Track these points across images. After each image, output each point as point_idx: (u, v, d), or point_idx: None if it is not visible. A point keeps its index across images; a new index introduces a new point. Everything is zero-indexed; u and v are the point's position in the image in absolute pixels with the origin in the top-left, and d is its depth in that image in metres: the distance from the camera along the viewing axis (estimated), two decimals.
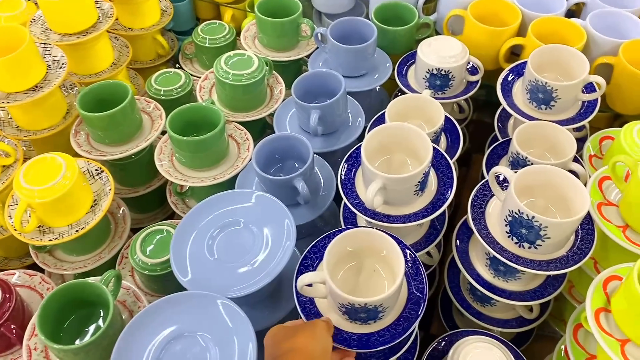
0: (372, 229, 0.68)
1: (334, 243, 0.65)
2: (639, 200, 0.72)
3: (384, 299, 0.61)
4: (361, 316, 0.64)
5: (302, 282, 0.64)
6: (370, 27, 1.08)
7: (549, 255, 0.74)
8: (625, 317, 0.64)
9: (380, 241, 0.67)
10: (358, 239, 0.68)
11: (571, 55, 0.95)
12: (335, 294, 0.63)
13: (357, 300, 0.61)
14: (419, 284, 0.69)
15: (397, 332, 0.66)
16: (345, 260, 0.69)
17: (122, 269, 0.94)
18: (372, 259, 0.70)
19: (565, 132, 0.88)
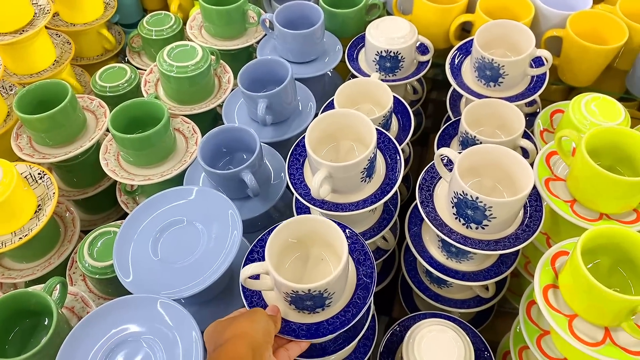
0: (311, 215, 0.67)
1: (274, 234, 0.64)
2: (585, 174, 0.72)
3: (327, 284, 0.60)
4: (307, 304, 0.63)
5: (245, 274, 0.63)
6: (317, 10, 1.06)
7: (498, 234, 0.74)
8: (571, 292, 0.64)
9: (322, 228, 0.66)
10: (300, 228, 0.66)
11: (517, 30, 0.94)
12: (279, 283, 0.61)
13: (300, 287, 0.59)
14: (367, 269, 0.68)
15: (346, 319, 0.65)
16: (291, 251, 0.68)
17: (74, 274, 0.91)
18: (318, 248, 0.69)
19: (513, 109, 0.88)
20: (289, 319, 0.66)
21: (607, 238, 0.64)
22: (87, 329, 0.63)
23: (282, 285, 0.61)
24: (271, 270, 0.61)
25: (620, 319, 0.61)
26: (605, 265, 0.67)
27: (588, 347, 0.61)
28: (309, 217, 0.66)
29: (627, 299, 0.58)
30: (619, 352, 0.61)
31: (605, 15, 1.03)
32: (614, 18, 1.02)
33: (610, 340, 0.63)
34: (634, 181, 0.68)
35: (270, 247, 0.63)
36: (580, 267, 0.60)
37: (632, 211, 0.74)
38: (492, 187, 0.77)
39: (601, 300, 0.60)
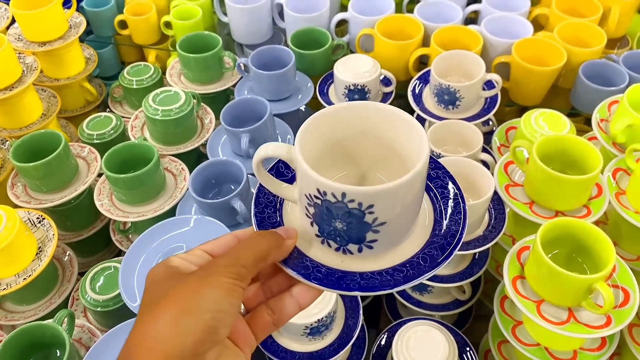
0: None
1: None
2: (539, 177, 0.82)
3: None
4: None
5: (259, 156, 0.43)
6: (288, 53, 1.15)
7: (468, 236, 0.82)
8: (536, 280, 0.73)
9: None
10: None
11: (469, 58, 1.05)
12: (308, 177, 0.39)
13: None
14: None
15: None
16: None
17: (75, 311, 0.95)
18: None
19: (471, 127, 0.98)
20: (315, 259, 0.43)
21: (562, 229, 0.73)
22: (100, 354, 0.68)
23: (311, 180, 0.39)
24: (298, 157, 0.40)
25: (580, 298, 0.70)
26: (563, 255, 0.76)
27: (555, 326, 0.69)
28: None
29: (583, 278, 0.67)
30: (582, 327, 0.69)
31: (545, 41, 1.15)
32: (553, 43, 1.14)
33: (574, 319, 0.71)
34: (580, 179, 0.78)
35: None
36: (541, 255, 0.69)
37: (582, 207, 0.84)
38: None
39: (562, 283, 0.69)
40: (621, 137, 0.90)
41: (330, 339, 0.80)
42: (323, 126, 0.44)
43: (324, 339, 0.79)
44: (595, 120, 0.96)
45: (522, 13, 1.25)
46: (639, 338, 0.79)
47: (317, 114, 0.44)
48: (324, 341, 0.79)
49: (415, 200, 0.41)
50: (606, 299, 0.65)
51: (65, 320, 0.80)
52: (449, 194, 0.47)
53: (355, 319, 0.80)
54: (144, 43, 1.43)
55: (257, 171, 0.44)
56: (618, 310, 0.70)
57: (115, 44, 1.47)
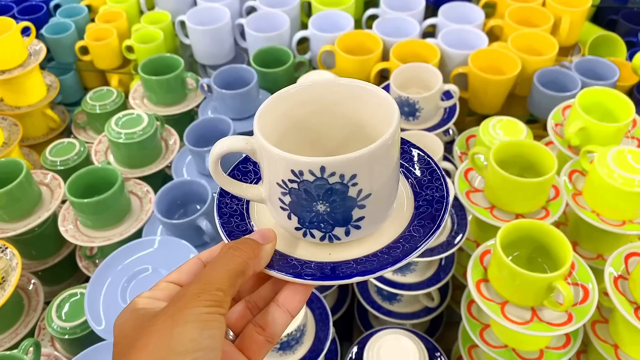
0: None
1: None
2: (497, 181, 0.84)
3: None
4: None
5: (215, 153, 0.40)
6: (250, 72, 1.17)
7: (431, 243, 0.83)
8: (499, 282, 0.74)
9: None
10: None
11: (426, 70, 1.08)
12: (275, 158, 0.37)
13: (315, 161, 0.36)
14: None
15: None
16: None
17: (42, 340, 0.94)
18: None
19: (432, 137, 1.00)
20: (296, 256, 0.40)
21: (521, 231, 0.75)
22: None
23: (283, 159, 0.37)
24: (262, 141, 0.38)
25: (541, 297, 0.71)
26: (524, 256, 0.78)
27: (519, 326, 0.71)
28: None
29: (543, 277, 0.69)
30: (545, 326, 0.71)
31: (500, 51, 1.19)
32: (508, 53, 1.18)
33: (537, 318, 0.72)
34: (537, 182, 0.80)
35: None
36: (502, 257, 0.70)
37: (541, 209, 0.86)
38: None
39: (523, 283, 0.70)
40: (575, 139, 0.93)
41: (301, 353, 0.80)
42: (282, 107, 0.42)
43: (295, 353, 0.79)
44: (551, 125, 0.99)
45: (477, 25, 1.29)
46: (602, 335, 0.81)
47: (276, 94, 0.42)
48: (295, 355, 0.79)
49: (395, 166, 0.39)
50: (565, 296, 0.67)
51: (31, 350, 0.78)
52: (421, 164, 0.45)
53: (326, 332, 0.80)
54: (106, 68, 1.42)
55: (215, 173, 0.40)
56: (578, 307, 0.72)
57: (77, 70, 1.46)
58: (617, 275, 0.77)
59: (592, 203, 0.85)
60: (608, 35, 1.39)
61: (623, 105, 0.93)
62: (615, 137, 0.92)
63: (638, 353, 0.78)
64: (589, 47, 1.36)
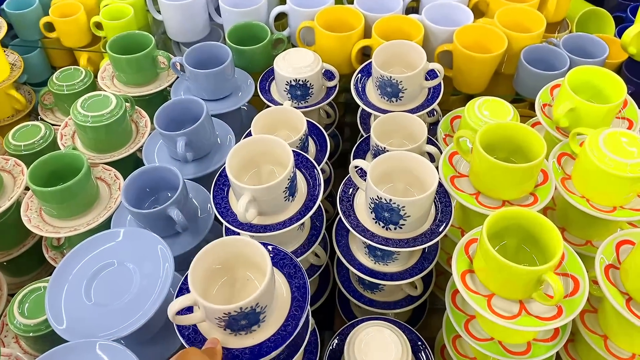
0: (229, 237, 0.67)
1: (195, 262, 0.64)
2: (483, 167, 0.80)
3: (257, 297, 0.61)
4: (243, 324, 0.64)
5: (172, 310, 0.63)
6: (224, 49, 1.10)
7: (415, 232, 0.80)
8: (485, 274, 0.71)
9: (243, 247, 0.67)
10: (221, 251, 0.67)
11: (410, 48, 1.03)
12: (209, 310, 0.61)
13: (232, 307, 0.60)
14: (299, 281, 0.71)
15: (287, 333, 0.67)
16: (217, 277, 0.69)
17: (5, 337, 0.89)
18: (243, 269, 0.70)
19: (415, 119, 0.95)
20: (229, 346, 0.66)
21: (509, 220, 0.71)
22: None
23: (213, 310, 0.61)
24: (198, 299, 0.61)
25: (530, 290, 0.68)
26: (511, 246, 0.74)
27: (506, 321, 0.67)
28: (227, 239, 0.67)
29: (532, 270, 0.65)
30: (533, 320, 0.68)
31: (486, 27, 1.14)
32: (494, 29, 1.13)
33: (525, 311, 0.69)
34: (525, 167, 0.76)
35: (193, 277, 0.63)
36: (488, 249, 0.66)
37: (529, 195, 0.82)
38: (404, 190, 0.83)
39: (511, 275, 0.67)
40: (564, 121, 0.89)
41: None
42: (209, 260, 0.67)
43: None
44: (538, 105, 0.95)
45: (462, 0, 1.23)
46: (592, 325, 0.79)
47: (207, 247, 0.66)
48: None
49: None
50: (556, 290, 0.64)
51: None
52: None
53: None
54: (73, 46, 1.35)
55: (175, 321, 0.64)
56: (569, 300, 0.69)
57: (43, 48, 1.39)
58: (608, 264, 0.73)
59: (582, 188, 0.82)
60: (596, 11, 1.34)
61: (614, 85, 0.89)
62: (606, 118, 0.88)
63: (628, 344, 0.76)
64: (576, 23, 1.32)
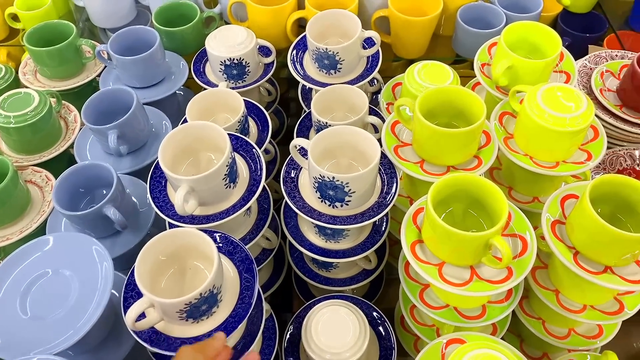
0: (170, 230, 0.66)
1: (139, 262, 0.62)
2: (425, 134, 0.78)
3: (213, 280, 0.61)
4: (204, 309, 0.63)
5: (130, 319, 0.61)
6: (151, 33, 1.05)
7: (362, 207, 0.78)
8: (433, 242, 0.70)
9: (185, 236, 0.66)
10: (165, 244, 0.66)
11: (344, 17, 0.99)
12: (169, 305, 0.60)
13: (192, 296, 0.60)
14: (248, 265, 0.69)
15: (245, 304, 0.67)
16: (164, 270, 0.67)
17: None
18: (190, 258, 0.68)
19: (355, 90, 0.93)
20: (194, 335, 0.65)
21: (452, 187, 0.70)
22: None
23: (174, 305, 0.60)
24: (155, 299, 0.60)
25: (479, 255, 0.67)
26: (458, 212, 0.73)
27: (458, 288, 0.67)
28: (168, 232, 0.66)
29: (479, 235, 0.64)
30: (484, 285, 0.67)
31: None
32: None
33: (477, 276, 0.69)
34: (464, 131, 0.75)
35: (141, 278, 0.61)
36: (434, 217, 0.65)
37: (473, 158, 0.81)
38: (349, 165, 0.81)
39: (458, 243, 0.66)
40: (503, 79, 0.88)
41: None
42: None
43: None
44: (477, 65, 0.94)
45: None
46: (543, 281, 0.79)
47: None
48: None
49: None
50: (503, 253, 0.63)
51: None
52: None
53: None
54: None
55: (135, 328, 0.63)
56: (518, 260, 0.69)
57: None
58: (554, 220, 0.74)
59: (524, 146, 0.82)
60: None
61: (549, 39, 0.88)
62: (543, 73, 0.87)
63: (579, 296, 0.77)
64: None
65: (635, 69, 0.95)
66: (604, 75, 1.04)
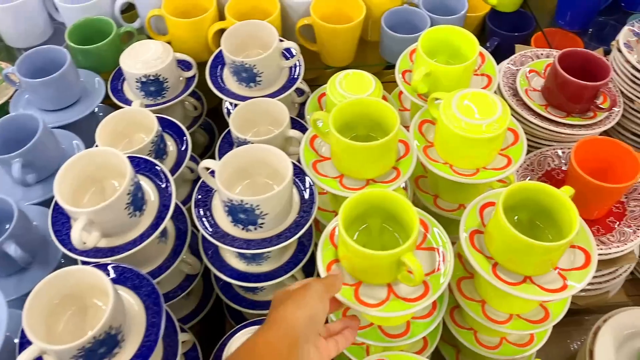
0: (62, 270, 0.61)
1: (27, 308, 0.58)
2: (340, 148, 0.75)
3: (108, 321, 0.57)
4: (102, 352, 0.59)
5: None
6: (62, 52, 0.99)
7: (278, 228, 0.75)
8: (348, 262, 0.66)
9: (80, 276, 0.61)
10: (56, 286, 0.61)
11: (260, 27, 0.96)
12: (61, 352, 0.56)
13: (83, 340, 0.55)
14: (154, 299, 0.65)
15: (151, 341, 0.62)
16: (61, 312, 0.62)
17: None
18: (89, 297, 0.64)
19: (276, 103, 0.90)
20: None
21: (366, 203, 0.67)
22: None
23: (65, 351, 0.56)
24: (44, 347, 0.56)
25: (393, 273, 0.65)
26: (375, 227, 0.71)
27: (374, 309, 0.64)
28: (57, 273, 0.61)
29: (388, 254, 0.61)
30: (401, 304, 0.64)
31: None
32: None
33: (394, 294, 0.66)
34: (379, 144, 0.72)
35: (30, 325, 0.56)
36: (344, 238, 0.62)
37: (392, 170, 0.79)
38: (264, 185, 0.78)
39: (370, 261, 0.63)
40: (422, 87, 0.86)
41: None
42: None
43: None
44: (398, 72, 0.92)
45: None
46: (469, 292, 0.77)
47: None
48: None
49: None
50: (414, 271, 0.61)
51: None
52: None
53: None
54: None
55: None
56: (436, 275, 0.66)
57: None
58: (473, 230, 0.72)
59: (444, 154, 0.80)
60: None
61: (467, 42, 0.86)
62: (463, 78, 0.86)
63: (504, 306, 0.75)
64: None
65: (557, 68, 0.94)
66: (530, 75, 1.03)
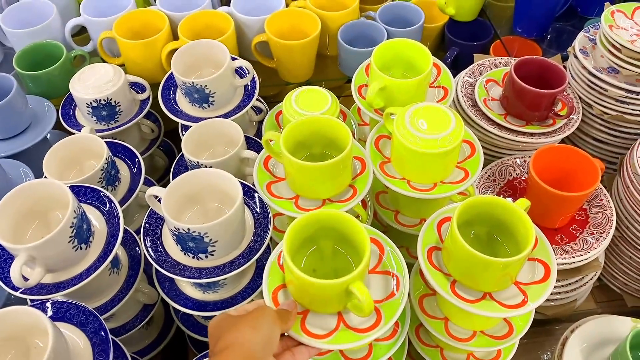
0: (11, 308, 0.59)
1: None
2: (293, 169, 0.73)
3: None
4: None
5: None
6: (7, 79, 0.97)
7: (230, 254, 0.72)
8: (294, 288, 0.62)
9: (19, 316, 0.58)
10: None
11: (212, 46, 0.95)
12: None
13: None
14: (103, 336, 0.62)
15: None
16: (5, 353, 0.59)
17: None
18: (31, 337, 0.60)
19: (230, 124, 0.88)
20: None
21: (315, 224, 0.64)
22: None
23: None
24: None
25: (343, 301, 0.61)
26: (327, 250, 0.68)
27: (321, 341, 0.60)
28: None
29: (335, 283, 0.57)
30: (350, 334, 0.60)
31: (298, 10, 1.08)
32: (306, 12, 1.07)
33: (344, 324, 0.62)
34: (332, 163, 0.69)
35: None
36: (289, 263, 0.59)
37: (349, 188, 0.77)
38: (217, 210, 0.75)
39: (319, 290, 0.59)
40: (378, 102, 0.85)
41: None
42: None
43: None
44: (354, 87, 0.90)
45: None
46: (431, 309, 0.76)
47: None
48: None
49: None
50: (363, 301, 0.57)
51: None
52: None
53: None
54: None
55: None
56: (389, 302, 0.63)
57: None
58: (430, 247, 0.70)
59: (401, 169, 0.78)
60: None
61: (421, 55, 0.85)
62: (418, 92, 0.84)
63: (467, 323, 0.74)
64: None
65: (513, 77, 0.93)
66: (488, 85, 1.02)
